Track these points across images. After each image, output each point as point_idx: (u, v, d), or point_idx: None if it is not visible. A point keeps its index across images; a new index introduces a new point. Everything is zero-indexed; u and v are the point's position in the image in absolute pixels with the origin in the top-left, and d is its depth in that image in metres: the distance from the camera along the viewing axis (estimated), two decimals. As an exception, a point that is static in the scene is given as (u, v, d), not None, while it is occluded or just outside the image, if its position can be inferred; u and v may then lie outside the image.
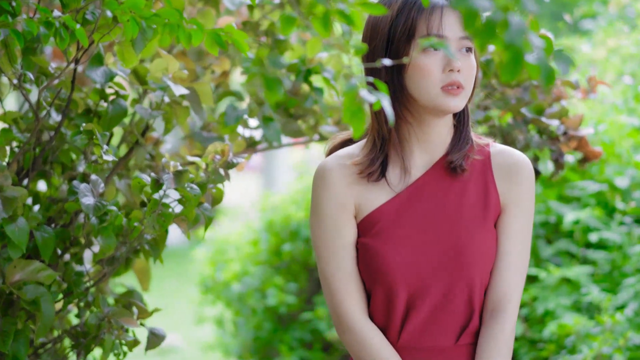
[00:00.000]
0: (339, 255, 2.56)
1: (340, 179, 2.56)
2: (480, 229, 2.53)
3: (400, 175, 2.57)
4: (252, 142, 3.87)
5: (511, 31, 1.83)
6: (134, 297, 3.44)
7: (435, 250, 2.51)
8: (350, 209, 2.56)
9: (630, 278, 4.82)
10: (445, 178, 2.56)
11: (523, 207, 2.56)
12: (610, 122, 5.46)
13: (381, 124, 2.55)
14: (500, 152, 2.59)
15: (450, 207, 2.54)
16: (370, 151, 2.57)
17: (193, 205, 3.09)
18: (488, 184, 2.56)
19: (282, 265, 6.55)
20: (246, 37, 2.42)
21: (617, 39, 6.49)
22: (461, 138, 2.58)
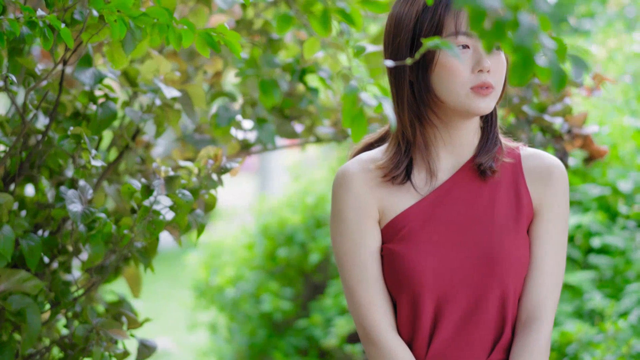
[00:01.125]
0: (364, 265, 2.43)
1: (363, 183, 2.44)
2: (513, 234, 2.41)
3: (426, 179, 2.45)
4: (246, 144, 3.78)
5: (521, 32, 1.72)
6: (123, 307, 3.34)
7: (466, 256, 2.39)
8: (374, 214, 2.44)
9: (634, 284, 4.74)
10: (474, 181, 2.44)
11: (557, 212, 2.45)
12: (613, 124, 5.37)
13: (405, 127, 2.44)
14: (531, 155, 2.48)
15: (480, 211, 2.42)
16: (395, 154, 2.45)
17: (185, 212, 3.00)
18: (519, 187, 2.45)
19: (278, 270, 6.45)
20: (239, 37, 2.31)
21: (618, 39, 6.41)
22: (489, 140, 2.46)
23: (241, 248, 6.59)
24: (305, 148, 4.04)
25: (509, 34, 1.76)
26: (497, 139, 2.48)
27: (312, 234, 6.42)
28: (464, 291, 2.38)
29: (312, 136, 3.82)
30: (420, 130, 2.43)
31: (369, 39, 3.67)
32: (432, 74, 2.37)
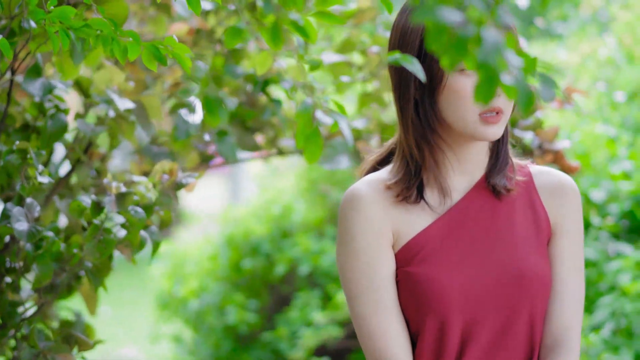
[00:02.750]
0: (379, 293, 2.25)
1: (375, 204, 2.27)
2: (536, 252, 2.29)
3: (440, 198, 2.30)
4: (206, 156, 3.65)
5: (485, 48, 1.59)
6: (75, 327, 3.20)
7: (492, 276, 2.24)
8: (388, 237, 2.28)
9: (606, 297, 4.65)
10: (489, 200, 2.31)
11: (574, 228, 2.35)
12: (585, 132, 5.28)
13: (411, 147, 2.29)
14: (542, 172, 2.37)
15: (500, 229, 2.29)
16: (405, 174, 2.30)
17: (137, 230, 2.88)
18: (535, 205, 2.33)
19: (243, 281, 6.31)
20: (188, 50, 2.17)
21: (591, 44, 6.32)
22: (500, 158, 2.33)
23: (205, 258, 6.45)
24: (268, 160, 3.91)
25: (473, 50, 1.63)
26: (508, 157, 2.35)
27: (277, 245, 6.30)
28: (493, 313, 2.24)
29: (274, 148, 3.69)
30: (430, 152, 2.28)
31: (335, 48, 3.54)
32: (439, 96, 2.22)
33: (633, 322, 4.67)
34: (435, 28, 1.62)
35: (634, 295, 4.71)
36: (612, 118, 5.64)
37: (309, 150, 1.91)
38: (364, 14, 3.34)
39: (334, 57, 3.45)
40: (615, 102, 5.75)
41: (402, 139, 2.29)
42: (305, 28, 1.92)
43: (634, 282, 4.73)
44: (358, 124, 3.59)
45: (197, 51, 3.45)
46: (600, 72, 6.08)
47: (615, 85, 5.90)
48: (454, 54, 1.64)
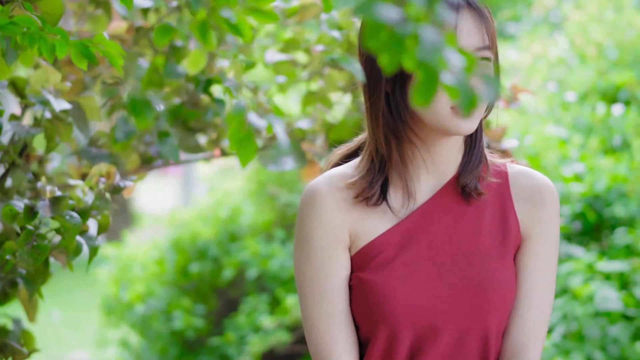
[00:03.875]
0: (330, 297, 2.16)
1: (333, 203, 2.16)
2: (499, 262, 2.16)
3: (403, 200, 2.18)
4: (147, 158, 3.54)
5: (423, 47, 1.51)
6: (10, 336, 3.10)
7: (448, 287, 2.13)
8: (345, 239, 2.17)
9: (557, 300, 4.60)
10: (457, 203, 2.19)
11: (547, 237, 2.20)
12: (536, 133, 5.23)
13: (379, 142, 2.17)
14: (520, 174, 2.23)
15: (464, 236, 2.17)
16: (368, 172, 2.18)
17: (73, 236, 2.79)
18: (506, 209, 2.20)
19: (190, 286, 6.21)
20: (119, 48, 2.07)
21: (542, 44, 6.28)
22: (473, 157, 2.21)
23: (152, 262, 6.34)
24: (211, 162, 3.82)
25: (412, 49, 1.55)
26: (483, 156, 2.22)
27: (225, 249, 6.20)
28: (445, 326, 2.13)
29: (218, 149, 3.59)
30: (397, 147, 2.17)
31: (279, 46, 3.45)
32: (410, 88, 2.11)
33: (584, 326, 4.64)
34: (372, 26, 1.54)
35: (584, 299, 4.67)
36: (564, 119, 5.61)
37: (242, 154, 1.83)
38: (307, 11, 3.25)
39: (277, 55, 3.36)
40: (566, 103, 5.71)
41: (370, 133, 2.18)
42: (238, 26, 1.83)
43: (584, 285, 4.69)
44: (303, 124, 3.50)
45: (138, 50, 3.35)
46: (552, 73, 6.05)
47: (567, 86, 5.86)
48: (392, 53, 1.56)
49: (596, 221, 5.17)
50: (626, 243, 4.94)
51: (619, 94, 5.69)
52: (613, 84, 5.68)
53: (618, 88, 5.67)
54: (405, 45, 1.53)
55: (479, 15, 2.09)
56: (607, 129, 5.45)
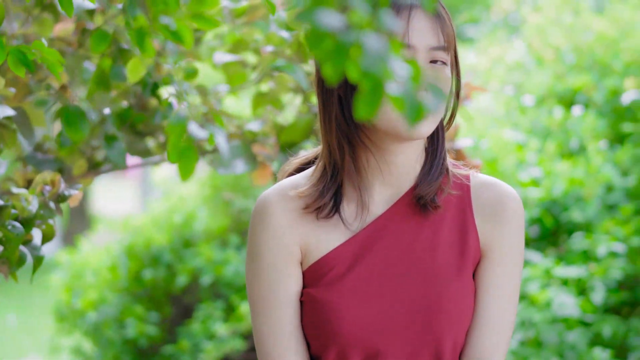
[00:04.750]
0: (279, 313, 2.07)
1: (283, 216, 2.07)
2: (455, 279, 2.05)
3: (357, 212, 2.07)
4: (95, 163, 3.46)
5: (367, 56, 1.44)
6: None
7: (399, 307, 2.03)
8: (296, 253, 2.07)
9: (515, 306, 4.55)
10: (413, 216, 2.08)
11: (509, 253, 2.08)
12: (494, 138, 5.19)
13: (332, 148, 2.06)
14: (483, 185, 2.10)
15: (419, 252, 2.06)
16: (320, 181, 2.07)
17: (16, 246, 2.71)
18: (466, 223, 2.08)
19: (143, 293, 6.10)
20: (57, 55, 1.99)
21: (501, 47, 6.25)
22: (433, 167, 2.09)
23: (105, 269, 6.23)
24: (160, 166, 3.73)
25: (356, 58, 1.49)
26: (444, 166, 2.11)
27: (179, 255, 6.11)
28: (395, 347, 2.03)
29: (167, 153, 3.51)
30: (351, 154, 2.05)
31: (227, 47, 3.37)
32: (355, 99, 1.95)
33: (541, 332, 4.60)
34: (315, 33, 1.47)
35: (542, 305, 4.64)
36: (521, 123, 5.57)
37: (182, 166, 1.75)
38: (256, 11, 3.18)
39: (226, 56, 3.28)
40: (524, 107, 5.68)
41: (323, 139, 2.08)
42: (178, 32, 1.76)
43: (542, 291, 4.65)
44: (253, 126, 3.43)
45: (84, 52, 3.27)
46: (510, 76, 6.01)
47: (525, 89, 5.83)
48: (335, 62, 1.49)
49: (553, 226, 5.14)
50: (583, 248, 4.92)
51: (576, 98, 5.67)
52: (570, 88, 5.65)
53: (575, 92, 5.65)
54: (349, 54, 1.46)
55: (434, 15, 2.01)
56: (564, 132, 5.42)
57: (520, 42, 6.26)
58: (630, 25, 5.73)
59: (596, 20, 5.85)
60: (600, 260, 4.85)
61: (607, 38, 5.70)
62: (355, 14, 1.48)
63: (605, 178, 5.07)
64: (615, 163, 5.24)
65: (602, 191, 5.12)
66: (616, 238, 4.89)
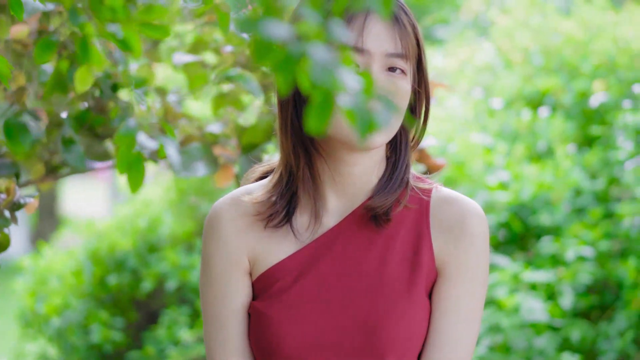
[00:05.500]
0: (226, 324, 1.99)
1: (233, 226, 1.99)
2: (404, 297, 1.93)
3: (309, 223, 1.98)
4: (53, 167, 3.39)
5: (315, 68, 1.39)
6: None
7: (342, 323, 1.92)
8: (243, 263, 1.99)
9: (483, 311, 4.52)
10: (365, 230, 1.97)
11: (467, 273, 1.95)
12: (461, 141, 5.14)
13: (288, 154, 1.96)
14: (444, 201, 1.97)
15: (368, 268, 1.95)
16: (274, 187, 1.98)
17: (-32, 255, 2.64)
18: (421, 240, 1.96)
19: (108, 298, 6.03)
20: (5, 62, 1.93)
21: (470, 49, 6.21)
22: (392, 179, 1.98)
23: (69, 274, 6.15)
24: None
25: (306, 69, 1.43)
26: (404, 178, 1.99)
27: (144, 260, 6.03)
28: None
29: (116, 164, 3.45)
30: (307, 162, 1.96)
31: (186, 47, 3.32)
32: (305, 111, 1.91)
33: (510, 337, 4.56)
34: (261, 44, 1.42)
35: (510, 310, 4.60)
36: (490, 126, 5.54)
37: (131, 178, 1.69)
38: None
39: (185, 57, 3.22)
40: (492, 110, 5.65)
41: (280, 145, 1.99)
42: (126, 40, 1.70)
43: (510, 296, 4.61)
44: (214, 128, 3.37)
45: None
46: (478, 78, 5.98)
47: (493, 91, 5.80)
48: (284, 73, 1.44)
49: (522, 230, 5.11)
50: (552, 252, 4.89)
51: (544, 100, 5.64)
52: (539, 90, 5.62)
53: (544, 94, 5.62)
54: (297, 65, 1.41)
55: (393, 21, 1.91)
56: (532, 135, 5.39)
57: (488, 44, 6.22)
58: (598, 28, 5.71)
59: (564, 22, 5.83)
60: (569, 264, 4.83)
61: (576, 40, 5.68)
62: (304, 24, 1.43)
63: (573, 181, 5.04)
64: (584, 166, 5.21)
65: (571, 195, 5.09)
66: (585, 242, 4.87)
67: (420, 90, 2.00)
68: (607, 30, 5.68)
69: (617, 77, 5.47)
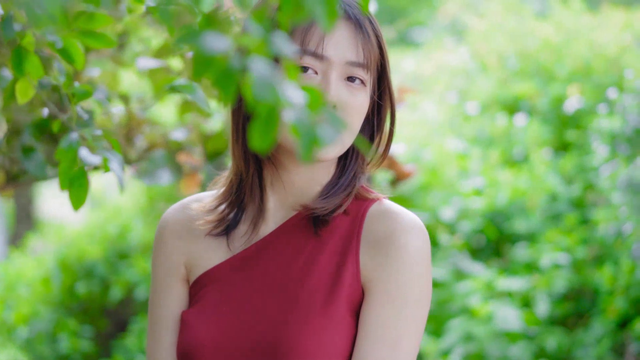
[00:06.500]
0: (158, 330, 1.95)
1: (175, 232, 1.95)
2: (319, 314, 1.80)
3: (247, 230, 1.91)
4: (13, 174, 3.32)
5: (256, 83, 1.32)
6: None
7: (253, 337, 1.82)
8: (180, 270, 1.95)
9: (456, 319, 4.46)
10: (300, 239, 1.88)
11: (395, 292, 1.80)
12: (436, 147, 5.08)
13: (238, 161, 1.89)
14: (380, 213, 1.86)
15: (290, 278, 1.85)
16: (223, 195, 1.92)
17: None
18: (347, 254, 1.84)
19: (77, 306, 5.93)
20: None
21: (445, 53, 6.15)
22: (337, 185, 1.89)
23: (38, 282, 6.05)
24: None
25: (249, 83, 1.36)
26: (349, 186, 1.89)
27: (114, 268, 5.95)
28: None
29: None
30: (256, 168, 1.88)
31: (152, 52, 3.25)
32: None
33: (484, 346, 4.50)
34: (200, 57, 1.35)
35: (484, 318, 4.54)
36: (465, 131, 5.48)
37: (73, 195, 1.63)
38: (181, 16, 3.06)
39: (150, 62, 3.15)
40: (467, 115, 5.59)
41: (232, 152, 1.91)
42: (67, 50, 1.62)
43: (483, 304, 4.55)
44: (178, 135, 3.30)
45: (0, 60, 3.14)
46: (453, 82, 5.92)
47: (468, 95, 5.74)
48: (225, 88, 1.37)
49: (496, 237, 5.05)
50: (527, 259, 4.83)
51: (519, 105, 5.58)
52: (514, 95, 5.57)
53: (519, 99, 5.57)
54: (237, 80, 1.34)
55: (357, 29, 1.83)
56: (507, 140, 5.34)
57: (464, 48, 6.17)
58: (574, 31, 5.66)
59: (540, 26, 5.77)
60: (544, 271, 4.78)
61: (551, 44, 5.62)
62: (245, 37, 1.36)
63: (549, 187, 4.99)
64: (560, 171, 5.16)
65: (546, 200, 5.04)
66: (560, 248, 4.81)
67: (382, 102, 1.92)
68: (582, 33, 5.63)
69: (592, 82, 5.42)
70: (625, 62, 5.36)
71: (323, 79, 1.81)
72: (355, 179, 1.91)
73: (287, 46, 1.36)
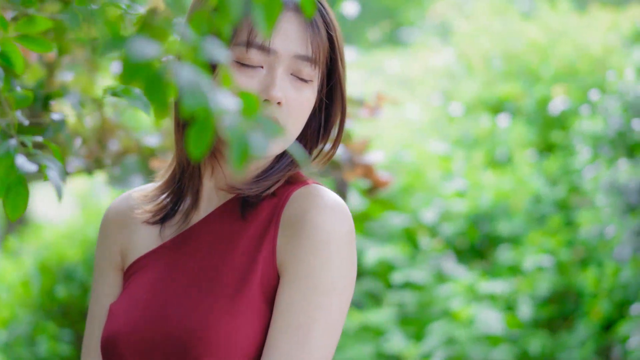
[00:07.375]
0: (91, 322, 1.90)
1: (114, 221, 1.92)
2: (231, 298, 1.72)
3: (180, 219, 1.85)
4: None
5: (185, 90, 1.28)
6: None
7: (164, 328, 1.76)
8: (115, 260, 1.90)
9: (436, 323, 4.42)
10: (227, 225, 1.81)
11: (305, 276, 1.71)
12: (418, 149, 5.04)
13: (180, 150, 1.83)
14: (301, 195, 1.78)
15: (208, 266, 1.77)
16: (165, 184, 1.88)
17: None
18: (265, 237, 1.77)
19: (56, 310, 5.88)
20: None
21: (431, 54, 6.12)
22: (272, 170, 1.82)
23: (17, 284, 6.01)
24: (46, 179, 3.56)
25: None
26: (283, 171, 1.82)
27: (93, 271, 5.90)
28: None
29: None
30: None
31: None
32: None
33: (466, 349, 4.47)
34: (128, 63, 1.31)
35: (466, 321, 4.50)
36: (449, 132, 5.43)
37: (9, 203, 1.58)
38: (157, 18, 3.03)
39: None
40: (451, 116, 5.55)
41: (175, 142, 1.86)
42: (7, 54, 1.59)
43: (465, 307, 4.51)
44: (151, 140, 3.26)
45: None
46: (438, 83, 5.87)
47: (453, 97, 5.70)
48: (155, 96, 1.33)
49: (479, 239, 5.01)
50: (510, 261, 4.79)
51: (504, 106, 5.54)
52: (498, 96, 5.53)
53: (503, 100, 5.52)
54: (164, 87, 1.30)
55: (306, 21, 1.77)
56: (491, 142, 5.30)
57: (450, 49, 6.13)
58: (560, 32, 5.62)
59: (526, 27, 5.73)
60: (527, 274, 4.74)
61: (537, 45, 5.58)
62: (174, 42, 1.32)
63: (533, 189, 4.95)
64: (544, 173, 5.12)
65: (530, 202, 5.00)
66: (544, 250, 4.78)
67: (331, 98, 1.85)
68: (569, 34, 5.59)
69: (578, 83, 5.38)
70: (611, 63, 5.32)
71: (268, 74, 1.76)
72: (290, 167, 1.84)
73: (219, 52, 1.32)
